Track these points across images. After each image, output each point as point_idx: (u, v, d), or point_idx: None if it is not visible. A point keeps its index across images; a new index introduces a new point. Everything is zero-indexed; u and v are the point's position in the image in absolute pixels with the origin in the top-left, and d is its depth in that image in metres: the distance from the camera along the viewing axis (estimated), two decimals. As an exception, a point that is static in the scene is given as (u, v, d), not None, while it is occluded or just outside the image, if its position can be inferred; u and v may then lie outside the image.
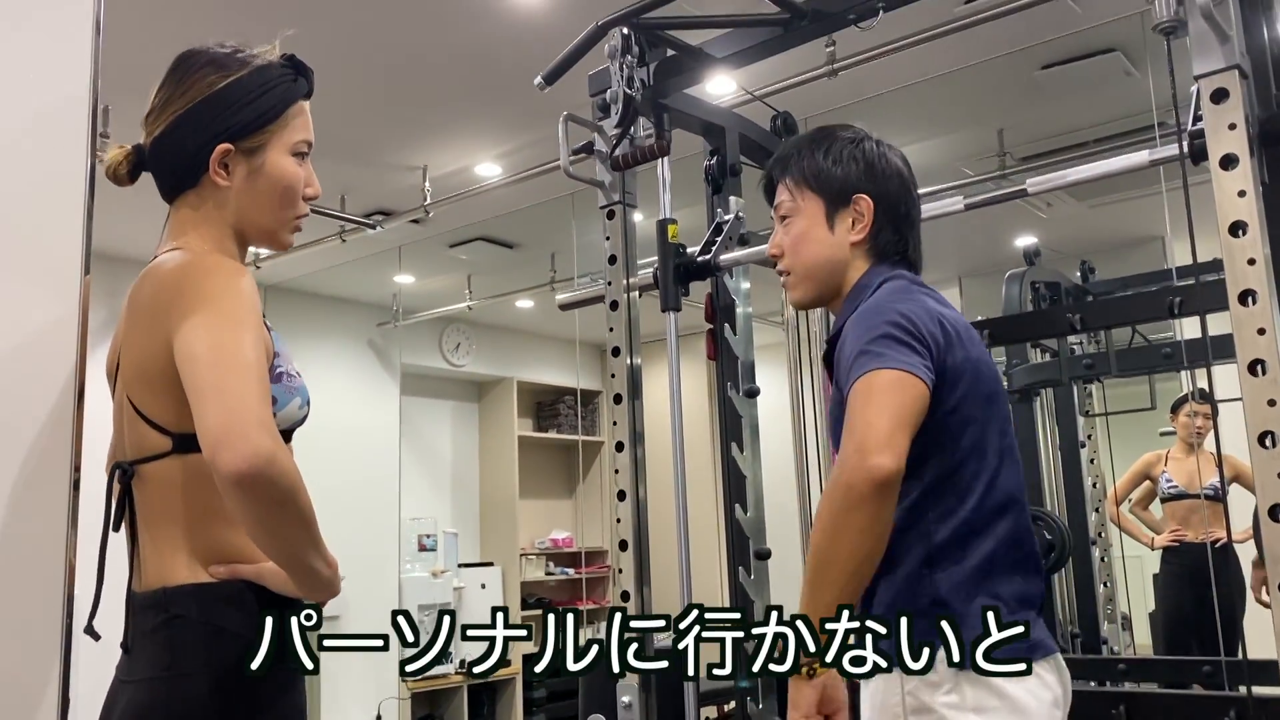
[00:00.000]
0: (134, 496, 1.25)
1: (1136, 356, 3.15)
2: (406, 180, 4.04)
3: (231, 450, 1.05)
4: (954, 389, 1.36)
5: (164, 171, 1.32)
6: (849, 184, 1.50)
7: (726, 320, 2.25)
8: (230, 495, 1.08)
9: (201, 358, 1.12)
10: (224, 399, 1.08)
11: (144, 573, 1.23)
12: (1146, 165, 1.70)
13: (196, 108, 1.28)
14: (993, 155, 3.76)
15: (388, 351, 5.94)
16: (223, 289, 1.18)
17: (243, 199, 1.31)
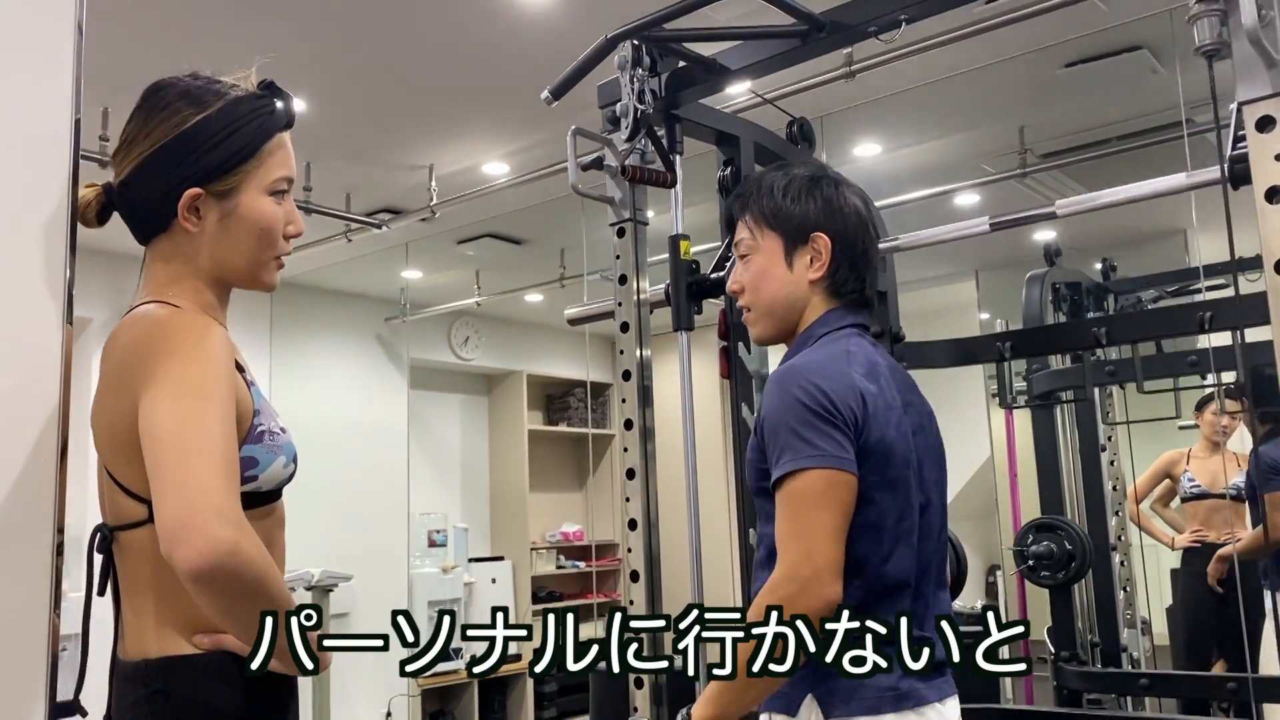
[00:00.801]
0: (115, 561, 1.20)
1: (1162, 363, 3.06)
2: (412, 179, 3.97)
3: (187, 546, 1.00)
4: (859, 466, 1.37)
5: (132, 217, 1.24)
6: (807, 222, 1.51)
7: (741, 338, 2.17)
8: (191, 590, 1.03)
9: (161, 436, 1.06)
10: (181, 487, 1.02)
11: (126, 641, 1.19)
12: (1184, 188, 1.61)
13: (162, 150, 1.20)
14: (1013, 152, 3.67)
15: (396, 346, 5.89)
16: (189, 354, 1.11)
17: (217, 244, 1.23)
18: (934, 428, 1.56)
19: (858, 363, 1.44)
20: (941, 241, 1.88)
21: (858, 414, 1.37)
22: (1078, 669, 3.29)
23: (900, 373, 1.54)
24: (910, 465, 1.44)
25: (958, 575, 2.43)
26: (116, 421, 1.14)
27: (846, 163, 3.76)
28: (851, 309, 1.53)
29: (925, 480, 1.49)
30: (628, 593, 1.97)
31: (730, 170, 2.25)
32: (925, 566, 1.46)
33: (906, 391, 1.52)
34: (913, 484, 1.45)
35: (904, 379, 1.54)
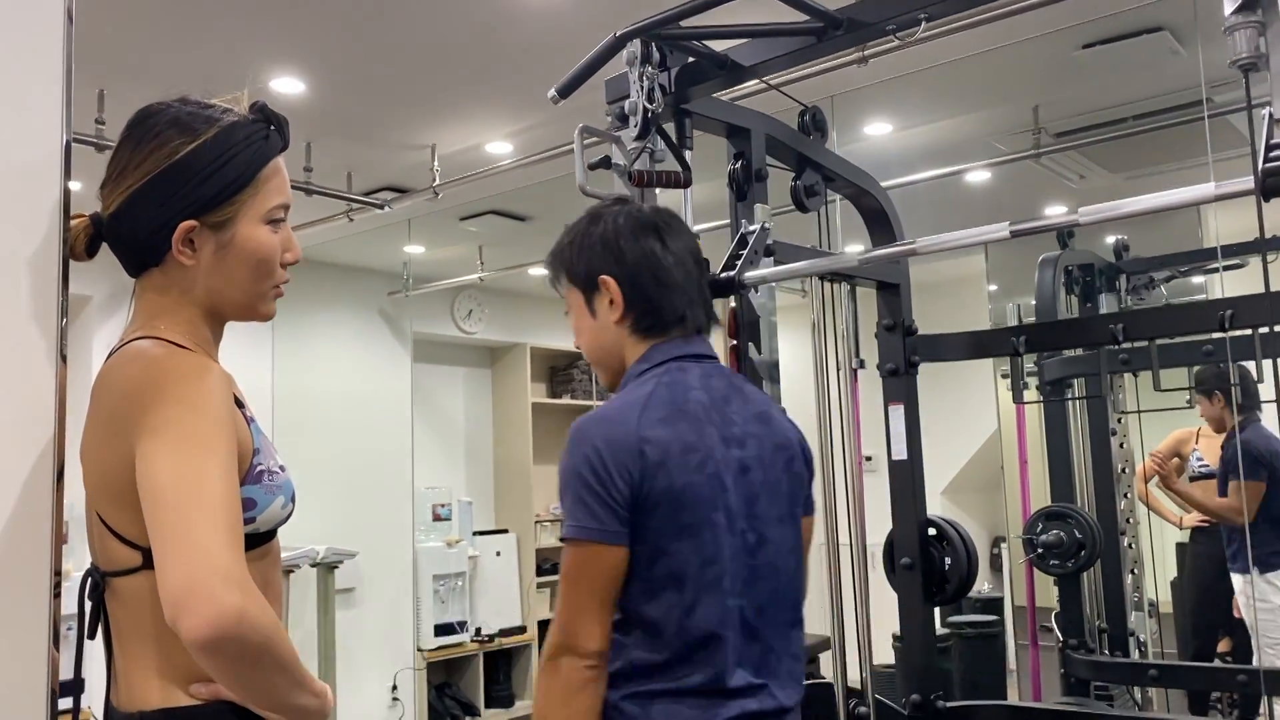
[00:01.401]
0: (107, 606, 1.16)
1: (1177, 352, 3.02)
2: (414, 159, 3.90)
3: (194, 614, 0.96)
4: (649, 517, 1.38)
5: (124, 249, 1.20)
6: (592, 268, 1.53)
7: (751, 338, 2.13)
8: (199, 658, 1.00)
9: (162, 493, 1.02)
10: (184, 552, 0.98)
11: (119, 690, 1.16)
12: (1212, 199, 1.56)
13: (154, 181, 1.15)
14: (1027, 131, 3.60)
15: (399, 320, 5.84)
16: (189, 400, 1.07)
17: (212, 277, 1.19)
18: (781, 458, 1.52)
19: (655, 407, 1.43)
20: (960, 246, 1.83)
21: (633, 472, 1.38)
22: (1086, 658, 3.28)
23: (734, 404, 1.50)
24: (719, 508, 1.42)
25: (966, 576, 2.41)
26: (109, 468, 1.10)
27: (857, 141, 3.69)
28: (678, 341, 1.53)
29: (757, 518, 1.47)
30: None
31: (741, 164, 2.19)
32: (761, 608, 1.45)
33: (743, 424, 1.49)
34: (722, 527, 1.42)
35: (740, 411, 1.50)
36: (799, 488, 1.55)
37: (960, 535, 2.45)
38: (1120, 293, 3.81)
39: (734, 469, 1.45)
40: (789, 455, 1.53)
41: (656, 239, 1.53)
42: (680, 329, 1.53)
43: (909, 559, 2.44)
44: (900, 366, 2.49)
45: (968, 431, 5.17)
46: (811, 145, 2.34)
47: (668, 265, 1.52)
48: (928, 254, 1.87)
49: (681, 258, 1.54)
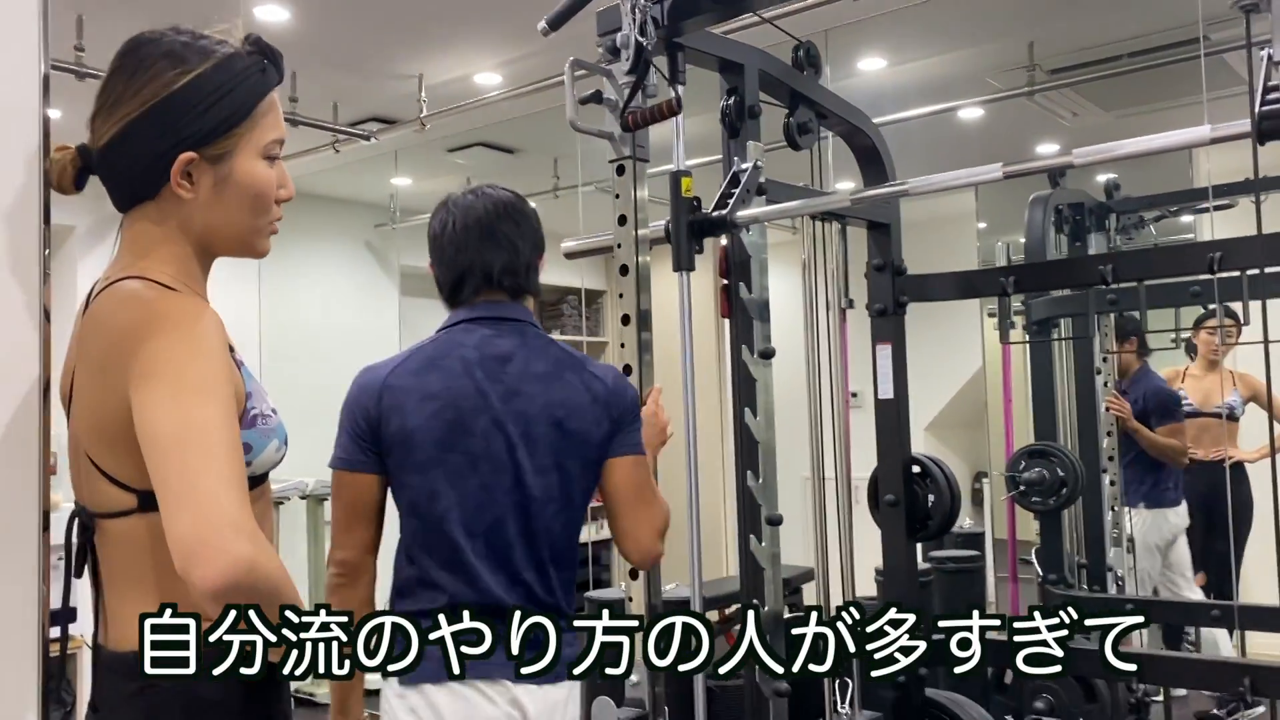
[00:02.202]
0: (95, 546, 1.16)
1: (1164, 292, 3.02)
2: (402, 89, 3.84)
3: (207, 565, 0.96)
4: (388, 454, 1.63)
5: (116, 182, 1.17)
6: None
7: (742, 278, 2.12)
8: (209, 607, 1.00)
9: (165, 442, 1.01)
10: (193, 502, 0.98)
11: (110, 629, 1.15)
12: (1208, 141, 1.55)
13: (152, 111, 1.12)
14: (1022, 68, 3.56)
15: (386, 253, 5.80)
16: (187, 346, 1.06)
17: (209, 211, 1.17)
18: (550, 416, 1.66)
19: (412, 359, 1.67)
20: (953, 187, 1.82)
21: (371, 412, 1.63)
22: (1064, 592, 3.35)
23: (515, 363, 1.67)
24: (456, 450, 1.61)
25: (949, 513, 2.45)
26: (102, 411, 1.09)
27: (851, 77, 3.65)
28: (476, 305, 1.71)
29: (517, 465, 1.63)
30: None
31: (734, 100, 2.16)
32: (505, 544, 1.62)
33: (516, 382, 1.65)
34: (457, 467, 1.61)
35: (517, 369, 1.67)
36: (572, 442, 1.68)
37: (944, 473, 2.48)
38: (1110, 232, 3.81)
39: (491, 419, 1.63)
40: (564, 413, 1.67)
41: (447, 220, 1.74)
42: (475, 297, 1.71)
43: (893, 495, 2.47)
44: (889, 306, 2.49)
45: (953, 369, 5.19)
46: (805, 81, 2.31)
47: (444, 244, 1.73)
48: (920, 194, 1.86)
49: (465, 236, 1.71)
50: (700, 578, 2.04)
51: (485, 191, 1.76)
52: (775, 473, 2.12)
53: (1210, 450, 4.04)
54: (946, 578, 3.27)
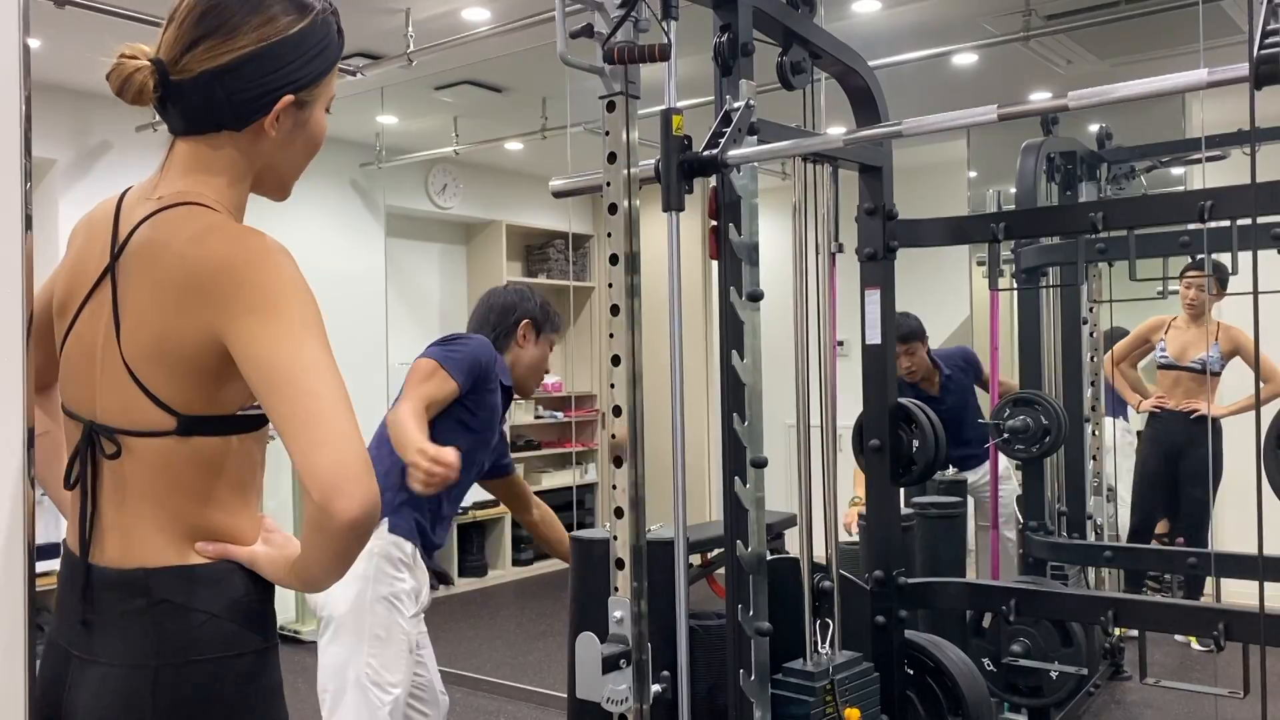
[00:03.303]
0: (96, 461, 1.17)
1: (1154, 242, 3.02)
2: (388, 23, 3.76)
3: (349, 498, 1.05)
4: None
5: (209, 107, 1.18)
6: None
7: (731, 219, 2.10)
8: (335, 537, 1.07)
9: (294, 381, 1.07)
10: (334, 438, 1.06)
11: (109, 547, 1.16)
12: (1205, 85, 1.53)
13: (273, 49, 1.18)
14: (1017, 13, 3.51)
15: (371, 193, 5.73)
16: (289, 286, 1.12)
17: (279, 151, 1.24)
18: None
19: None
20: (946, 128, 1.80)
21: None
22: (1045, 539, 3.39)
23: None
24: None
25: (933, 459, 2.46)
26: (172, 337, 1.12)
27: (845, 19, 3.59)
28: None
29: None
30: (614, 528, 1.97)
31: (727, 37, 2.13)
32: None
33: None
34: None
35: None
36: None
37: (929, 419, 2.49)
38: (1100, 181, 3.80)
39: None
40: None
41: None
42: None
43: (878, 441, 2.48)
44: (879, 251, 2.48)
45: (940, 316, 5.19)
46: (800, 19, 2.27)
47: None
48: (912, 137, 1.84)
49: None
50: (685, 519, 2.05)
51: None
52: (761, 416, 2.13)
53: (1180, 402, 4.09)
54: (928, 524, 3.30)
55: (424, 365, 2.32)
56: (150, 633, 1.12)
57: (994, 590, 2.60)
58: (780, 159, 3.52)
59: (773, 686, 2.11)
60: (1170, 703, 3.57)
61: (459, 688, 4.23)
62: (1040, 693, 3.07)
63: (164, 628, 1.12)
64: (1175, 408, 4.10)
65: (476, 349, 2.38)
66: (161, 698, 1.11)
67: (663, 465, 2.08)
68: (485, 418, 2.41)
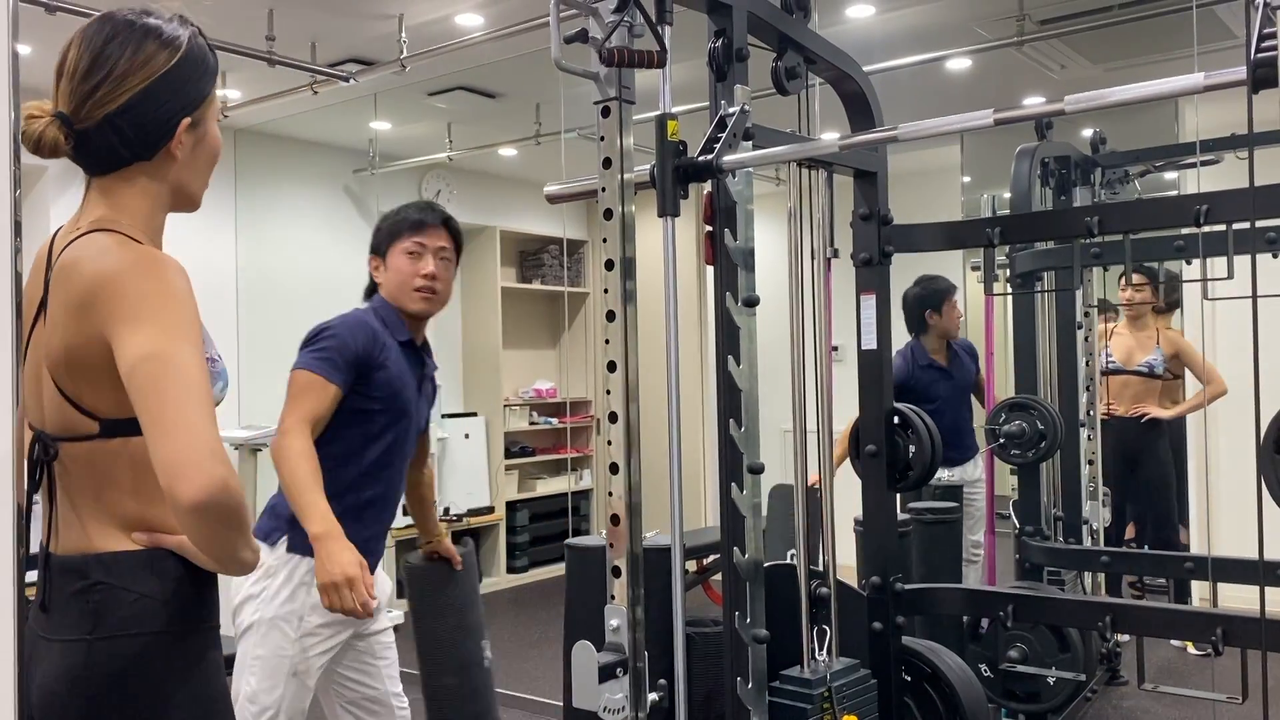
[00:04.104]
0: (51, 466, 1.31)
1: (1148, 247, 3.02)
2: (381, 29, 3.75)
3: (189, 483, 1.13)
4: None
5: (110, 146, 1.30)
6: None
7: (727, 225, 2.09)
8: (186, 521, 1.16)
9: (148, 380, 1.17)
10: (178, 429, 1.15)
11: (63, 538, 1.31)
12: (1201, 89, 1.53)
13: (160, 81, 1.30)
14: (1011, 18, 3.51)
15: (364, 199, 5.72)
16: (160, 293, 1.21)
17: (185, 169, 1.36)
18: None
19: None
20: (942, 133, 1.80)
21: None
22: (1041, 544, 3.38)
23: None
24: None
25: (929, 464, 2.45)
26: (78, 347, 1.23)
27: (839, 24, 3.59)
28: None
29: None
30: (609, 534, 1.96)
31: (722, 42, 2.12)
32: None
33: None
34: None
35: None
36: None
37: (925, 424, 2.48)
38: (1095, 186, 3.80)
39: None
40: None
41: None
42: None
43: (874, 446, 2.48)
44: (874, 256, 2.48)
45: (935, 322, 5.19)
46: (794, 25, 2.27)
47: None
48: (908, 141, 1.83)
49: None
50: (681, 526, 2.04)
51: None
52: (758, 421, 2.12)
53: (1129, 407, 4.11)
54: (925, 529, 3.29)
55: (298, 378, 2.16)
56: (87, 612, 1.25)
57: (991, 596, 2.59)
58: (775, 164, 3.53)
59: (770, 694, 2.10)
60: (1168, 708, 3.56)
61: (454, 696, 4.21)
62: (1038, 698, 3.06)
63: (99, 607, 1.25)
64: (1125, 413, 4.11)
65: (344, 334, 2.21)
66: (95, 670, 1.23)
67: (659, 472, 2.06)
68: (386, 394, 2.23)
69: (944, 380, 4.05)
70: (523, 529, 6.34)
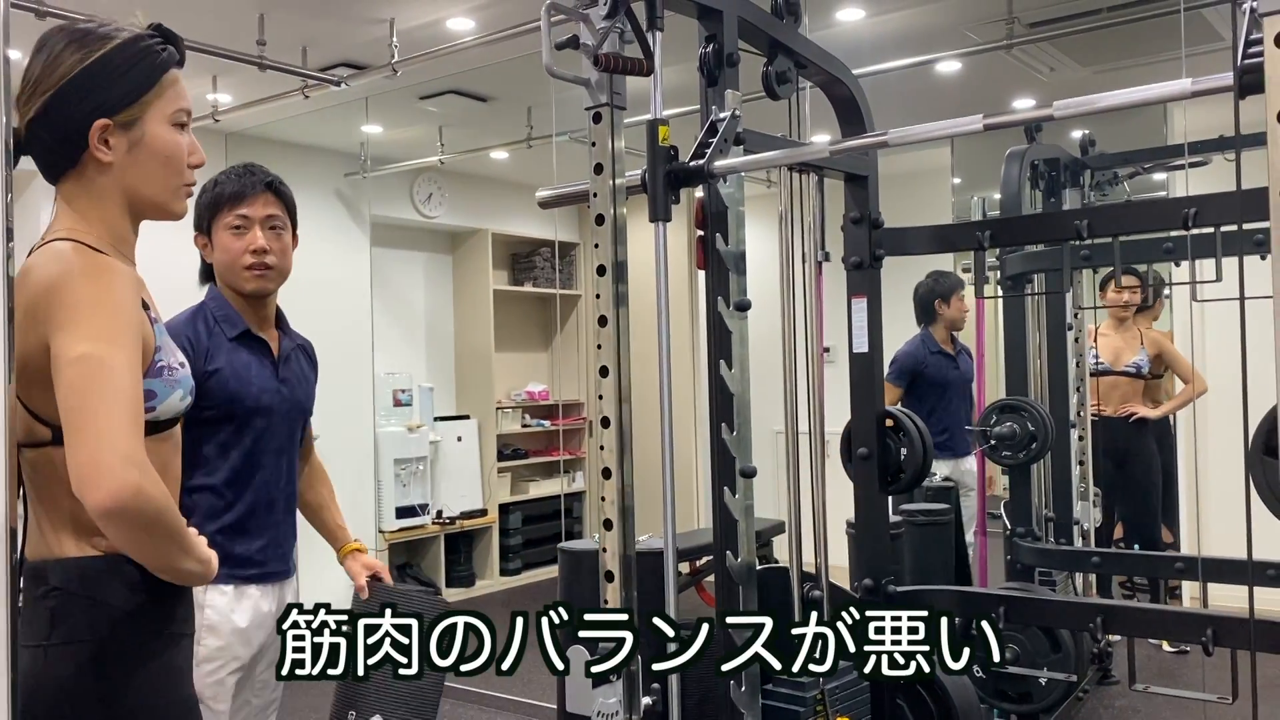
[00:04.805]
0: (23, 474, 1.32)
1: (1138, 249, 3.03)
2: (372, 33, 3.75)
3: (97, 488, 1.13)
4: None
5: (43, 153, 1.31)
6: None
7: (718, 229, 2.10)
8: (101, 525, 1.17)
9: (72, 381, 1.17)
10: (90, 434, 1.15)
11: (31, 542, 1.33)
12: (1189, 95, 1.54)
13: (70, 84, 1.28)
14: (1000, 21, 3.53)
15: (356, 202, 5.72)
16: (96, 299, 1.21)
17: (128, 173, 1.33)
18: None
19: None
20: (932, 138, 1.81)
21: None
22: (1032, 545, 3.39)
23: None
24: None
25: (921, 466, 2.46)
26: (28, 356, 1.23)
27: (829, 28, 3.60)
28: None
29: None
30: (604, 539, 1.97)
31: (713, 48, 2.13)
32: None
33: None
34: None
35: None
36: None
37: (917, 426, 2.48)
38: (1084, 189, 3.82)
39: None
40: None
41: None
42: None
43: (866, 449, 2.48)
44: (865, 259, 2.48)
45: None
46: (784, 29, 2.28)
47: None
48: (898, 145, 1.84)
49: None
50: (674, 529, 2.04)
51: None
52: (750, 425, 2.12)
53: (1117, 407, 4.14)
54: (917, 531, 3.30)
55: None
56: (46, 618, 1.26)
57: (983, 597, 2.60)
58: (766, 169, 3.53)
59: (763, 697, 2.11)
60: (1159, 708, 3.58)
61: (447, 699, 4.20)
62: (1029, 699, 3.07)
63: (57, 612, 1.26)
64: (1113, 413, 4.14)
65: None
66: (48, 678, 1.23)
67: (652, 475, 2.07)
68: (221, 398, 1.99)
69: (951, 368, 4.22)
70: (516, 531, 6.34)
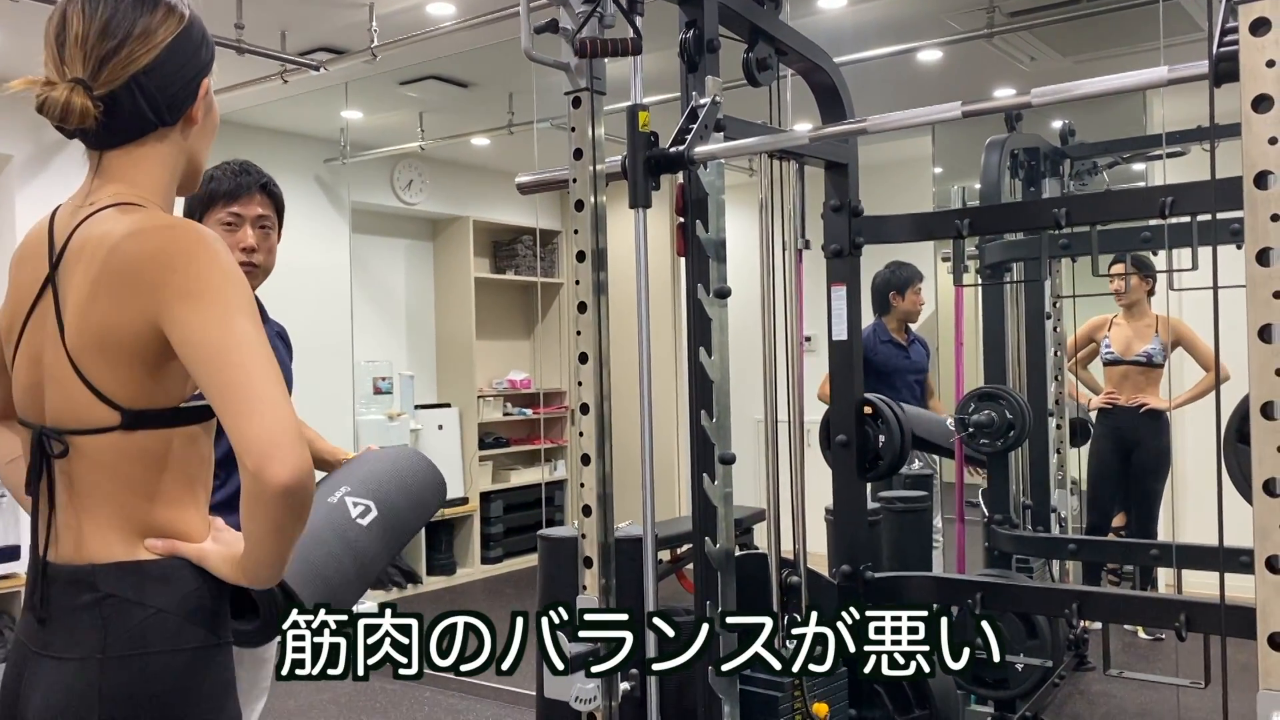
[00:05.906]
0: (52, 464, 1.19)
1: (1116, 238, 3.06)
2: (351, 17, 3.72)
3: (281, 464, 1.06)
4: None
5: (145, 110, 1.20)
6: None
7: (699, 216, 2.10)
8: (270, 504, 1.08)
9: (225, 355, 1.09)
10: (265, 408, 1.07)
11: (64, 545, 1.20)
12: (1165, 83, 1.55)
13: (179, 40, 1.21)
14: (981, 9, 3.54)
15: (336, 188, 5.68)
16: (221, 272, 1.13)
17: (200, 137, 1.28)
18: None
19: None
20: (912, 125, 1.81)
21: None
22: (1010, 532, 3.42)
23: None
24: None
25: (899, 454, 2.47)
26: (114, 329, 1.13)
27: (810, 15, 3.60)
28: None
29: None
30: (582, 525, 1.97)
31: (693, 34, 2.12)
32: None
33: None
34: None
35: None
36: None
37: (895, 414, 2.50)
38: (1064, 177, 3.83)
39: None
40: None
41: None
42: None
43: (845, 436, 2.49)
44: (845, 247, 2.49)
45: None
46: (765, 16, 2.27)
47: None
48: (878, 133, 1.85)
49: None
50: (653, 516, 2.05)
51: None
52: (729, 412, 2.13)
53: (1129, 397, 4.17)
54: (895, 518, 3.32)
55: None
56: (98, 627, 1.14)
57: (960, 584, 2.62)
58: (747, 155, 3.53)
59: (741, 682, 2.12)
60: (1133, 693, 3.62)
61: (428, 687, 4.21)
62: (1006, 685, 3.10)
63: (111, 622, 1.14)
64: (1125, 403, 4.17)
65: None
66: (107, 690, 1.13)
67: (631, 462, 2.07)
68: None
69: (902, 357, 4.30)
70: (497, 519, 6.34)
